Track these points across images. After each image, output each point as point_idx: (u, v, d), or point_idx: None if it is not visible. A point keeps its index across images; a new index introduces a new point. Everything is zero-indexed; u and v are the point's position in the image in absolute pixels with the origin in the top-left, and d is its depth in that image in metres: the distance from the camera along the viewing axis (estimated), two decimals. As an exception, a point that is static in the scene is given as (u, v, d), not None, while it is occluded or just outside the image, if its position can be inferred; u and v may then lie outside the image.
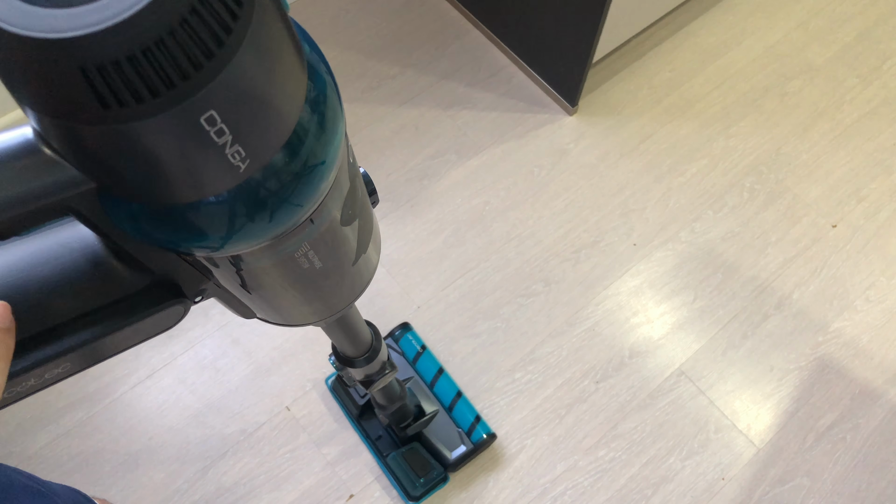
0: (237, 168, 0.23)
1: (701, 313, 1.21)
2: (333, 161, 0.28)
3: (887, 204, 1.32)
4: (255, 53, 0.20)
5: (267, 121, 0.22)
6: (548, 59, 1.35)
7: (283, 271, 0.34)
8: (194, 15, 0.18)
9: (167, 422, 1.11)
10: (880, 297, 1.23)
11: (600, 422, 1.12)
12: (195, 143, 0.20)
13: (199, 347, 1.16)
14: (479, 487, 1.07)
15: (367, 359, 0.69)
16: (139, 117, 0.19)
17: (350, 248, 0.38)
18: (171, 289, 0.33)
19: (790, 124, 1.40)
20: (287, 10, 0.24)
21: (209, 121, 0.20)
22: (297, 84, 0.24)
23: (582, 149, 1.36)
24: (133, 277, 0.32)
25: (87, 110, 0.18)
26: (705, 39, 1.50)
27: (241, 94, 0.20)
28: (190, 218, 0.24)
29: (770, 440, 1.12)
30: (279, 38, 0.22)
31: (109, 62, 0.17)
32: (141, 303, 0.32)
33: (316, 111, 0.25)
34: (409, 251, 1.25)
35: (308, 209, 0.29)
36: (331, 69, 0.28)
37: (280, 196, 0.25)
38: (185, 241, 0.26)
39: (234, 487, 1.07)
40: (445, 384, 1.10)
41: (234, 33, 0.19)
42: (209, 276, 0.34)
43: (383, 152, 1.35)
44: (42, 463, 1.07)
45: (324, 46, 1.46)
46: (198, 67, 0.18)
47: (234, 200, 0.24)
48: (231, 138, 0.21)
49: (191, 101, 0.19)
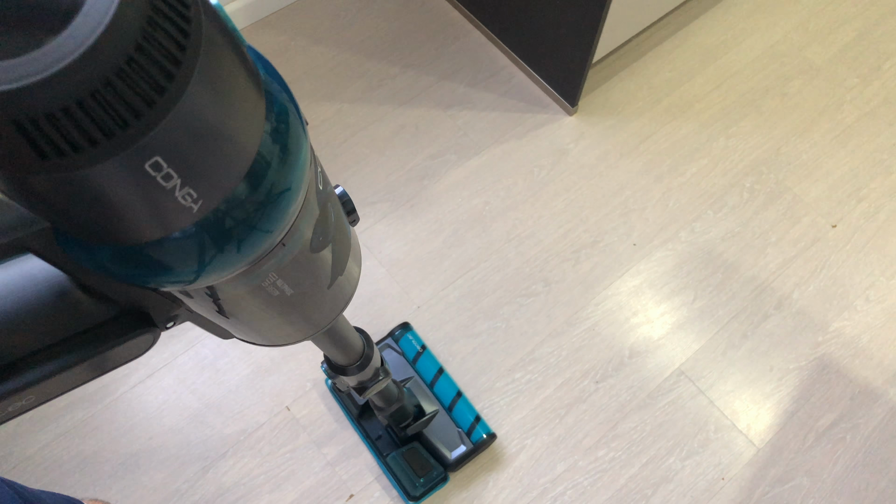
0: (189, 209, 0.22)
1: (701, 313, 1.21)
2: (299, 188, 0.27)
3: (887, 204, 1.32)
4: (203, 96, 0.19)
5: (219, 160, 0.22)
6: (548, 59, 1.35)
7: (252, 300, 0.33)
8: (132, 64, 0.17)
9: (167, 422, 1.11)
10: (880, 297, 1.23)
11: (600, 422, 1.12)
12: (141, 188, 0.20)
13: (199, 347, 1.16)
14: (479, 487, 1.07)
15: (360, 366, 0.68)
16: (79, 166, 0.18)
17: (324, 273, 0.38)
18: (139, 317, 0.33)
19: (790, 124, 1.40)
20: (243, 43, 0.23)
21: (154, 167, 0.19)
22: (252, 119, 0.23)
23: (582, 149, 1.36)
24: (99, 309, 0.32)
25: (25, 161, 0.18)
26: (705, 39, 1.50)
27: (188, 138, 0.20)
28: (148, 256, 0.24)
29: (770, 440, 1.12)
30: (231, 77, 0.21)
31: (43, 115, 0.17)
32: (108, 333, 0.32)
33: (277, 140, 0.25)
34: (409, 251, 1.25)
35: (276, 235, 0.28)
36: (290, 92, 0.27)
37: (245, 226, 0.25)
38: (146, 277, 0.25)
39: (234, 487, 1.07)
40: (445, 384, 1.10)
41: (178, 78, 0.18)
42: (179, 304, 0.33)
43: (383, 152, 1.35)
44: (42, 463, 1.07)
45: (324, 46, 1.46)
46: (139, 115, 0.18)
47: (192, 237, 0.23)
48: (180, 182, 0.20)
49: (134, 149, 0.18)
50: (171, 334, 1.17)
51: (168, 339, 1.17)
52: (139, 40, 0.17)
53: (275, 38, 1.47)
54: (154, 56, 0.18)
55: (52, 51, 0.16)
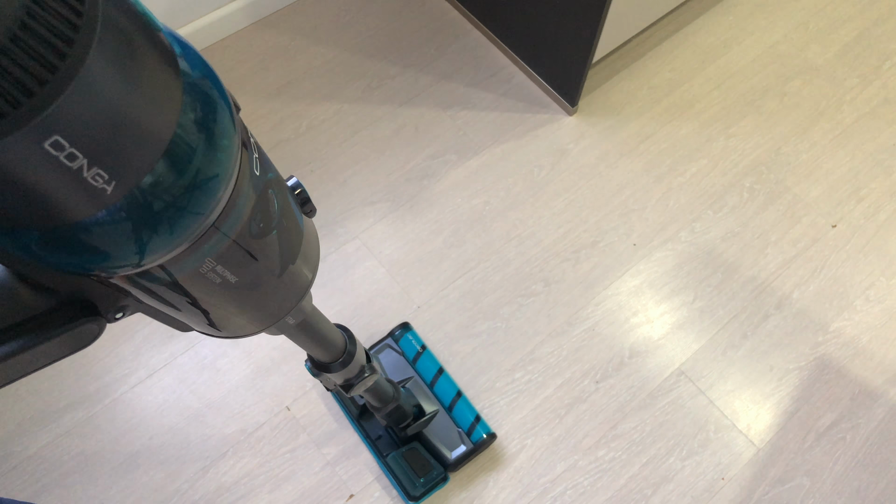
0: (102, 190, 0.21)
1: (701, 313, 1.21)
2: (228, 173, 0.27)
3: (887, 204, 1.32)
4: (102, 73, 0.19)
5: (129, 141, 0.21)
6: (548, 59, 1.35)
7: (194, 288, 0.33)
8: (17, 42, 0.17)
9: (167, 422, 1.11)
10: (880, 297, 1.23)
11: (600, 422, 1.12)
12: (46, 169, 0.19)
13: (199, 347, 1.16)
14: (479, 487, 1.07)
15: (343, 363, 0.67)
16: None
17: (270, 260, 0.37)
18: (83, 307, 0.32)
19: (790, 124, 1.40)
20: (149, 23, 0.22)
21: (55, 146, 0.19)
22: (164, 100, 0.23)
23: (582, 149, 1.36)
24: (38, 298, 0.31)
25: None
26: (705, 39, 1.50)
27: (90, 117, 0.19)
28: (71, 239, 0.23)
29: (770, 440, 1.12)
30: (134, 55, 0.21)
31: None
32: (47, 323, 0.31)
33: (196, 124, 0.24)
34: (409, 251, 1.25)
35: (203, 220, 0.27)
36: (217, 79, 0.26)
37: (169, 210, 0.24)
38: (75, 262, 0.25)
39: (234, 487, 1.07)
40: (445, 384, 1.10)
41: (70, 57, 0.18)
42: (125, 294, 0.33)
43: (383, 152, 1.35)
44: (42, 463, 1.07)
45: (324, 46, 1.46)
46: (30, 94, 0.17)
47: (113, 220, 0.23)
48: (86, 162, 0.20)
49: (29, 127, 0.18)
50: (171, 334, 1.17)
51: (168, 339, 1.17)
52: (23, 18, 0.17)
53: (275, 38, 1.47)
54: (42, 33, 0.17)
55: None
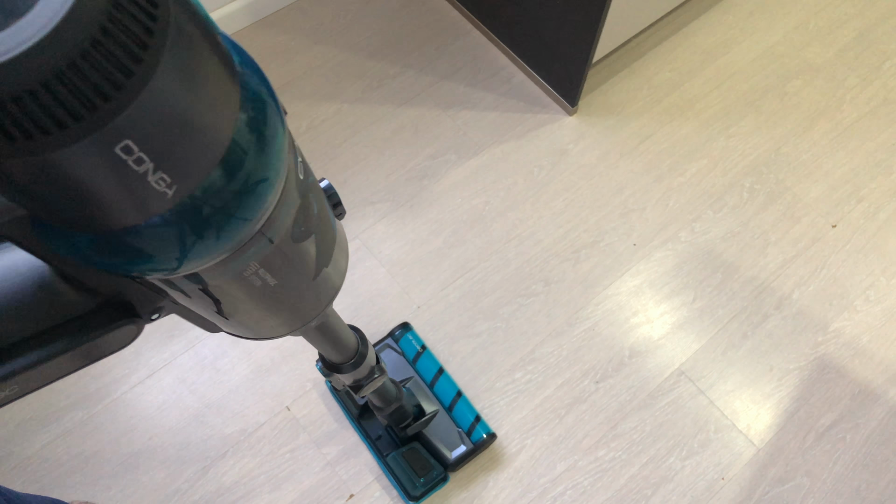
0: (164, 194, 0.22)
1: (701, 313, 1.21)
2: (277, 175, 0.27)
3: (887, 204, 1.32)
4: (172, 79, 0.19)
5: (192, 146, 0.22)
6: (548, 59, 1.35)
7: (236, 290, 0.33)
8: (98, 46, 0.17)
9: (167, 422, 1.11)
10: (880, 297, 1.23)
11: (600, 422, 1.12)
12: (113, 173, 0.20)
13: (199, 347, 1.16)
14: (479, 487, 1.07)
15: (354, 364, 0.68)
16: (48, 149, 0.18)
17: (307, 264, 0.37)
18: (122, 308, 0.33)
19: (790, 124, 1.40)
20: (212, 29, 0.23)
21: (125, 150, 0.19)
22: (225, 104, 0.23)
23: (582, 149, 1.36)
24: (81, 299, 0.31)
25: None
26: (705, 39, 1.50)
27: (160, 122, 0.20)
28: (127, 243, 0.23)
29: (770, 440, 1.12)
30: (201, 63, 0.21)
31: (9, 97, 0.17)
32: (90, 324, 0.31)
33: (252, 128, 0.25)
34: (409, 251, 1.25)
35: (254, 223, 0.28)
36: (268, 83, 0.27)
37: (223, 214, 0.25)
38: (125, 265, 0.25)
39: (234, 487, 1.07)
40: (445, 384, 1.10)
41: (145, 62, 0.18)
42: (164, 295, 0.33)
43: (383, 152, 1.35)
44: (42, 463, 1.07)
45: (324, 46, 1.46)
46: (107, 98, 0.18)
47: (169, 224, 0.23)
48: (153, 166, 0.20)
49: (103, 132, 0.18)
50: (172, 334, 1.17)
51: (168, 339, 1.17)
52: (104, 23, 0.17)
53: (275, 38, 1.47)
54: (120, 39, 0.18)
55: (16, 33, 0.16)
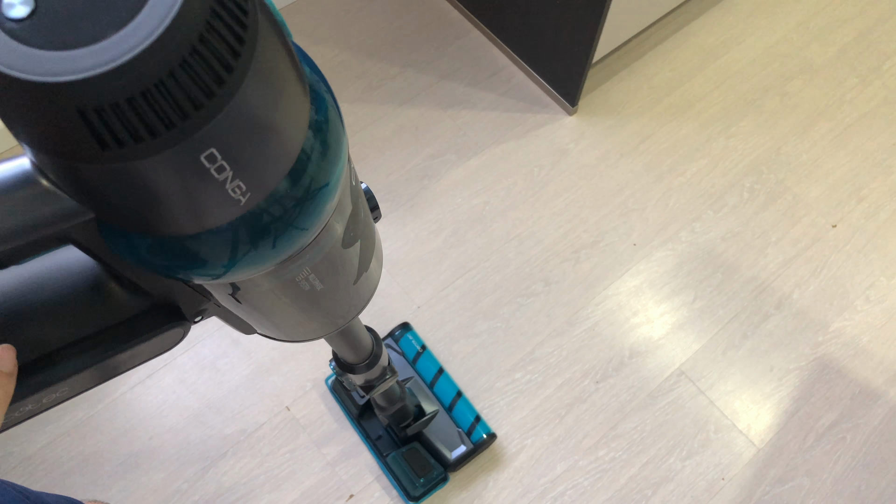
0: (238, 201, 0.22)
1: (701, 313, 1.21)
2: (337, 182, 0.28)
3: (887, 204, 1.32)
4: (257, 88, 0.20)
5: (269, 154, 0.22)
6: (548, 59, 1.35)
7: (283, 294, 0.34)
8: (195, 55, 0.17)
9: (167, 422, 1.11)
10: (880, 297, 1.23)
11: (600, 422, 1.12)
12: (195, 180, 0.20)
13: (199, 347, 1.16)
14: (479, 487, 1.07)
15: (368, 365, 0.69)
16: (138, 157, 0.18)
17: (352, 269, 0.38)
18: (170, 311, 0.33)
19: (790, 124, 1.40)
20: (290, 37, 0.23)
21: (209, 158, 0.20)
22: (299, 112, 0.23)
23: (582, 149, 1.36)
24: (132, 301, 0.32)
25: (84, 150, 0.18)
26: (705, 39, 1.50)
27: (243, 130, 0.20)
28: (190, 248, 0.24)
29: (770, 440, 1.12)
30: (282, 70, 0.21)
31: (108, 105, 0.17)
32: (140, 326, 0.32)
33: (319, 135, 0.25)
34: (409, 251, 1.25)
35: (313, 232, 0.28)
36: (330, 87, 0.27)
37: (283, 221, 0.25)
38: (186, 269, 0.25)
39: (234, 487, 1.07)
40: (445, 384, 1.10)
41: (236, 70, 0.19)
42: (209, 297, 0.34)
43: (383, 152, 1.35)
44: (42, 463, 1.07)
45: (324, 46, 1.46)
46: (198, 107, 0.18)
47: (235, 230, 0.24)
48: (232, 174, 0.21)
49: (191, 140, 0.19)
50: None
51: (168, 339, 1.17)
52: (203, 31, 0.17)
53: (275, 38, 1.47)
54: (216, 47, 0.18)
55: (120, 41, 0.16)
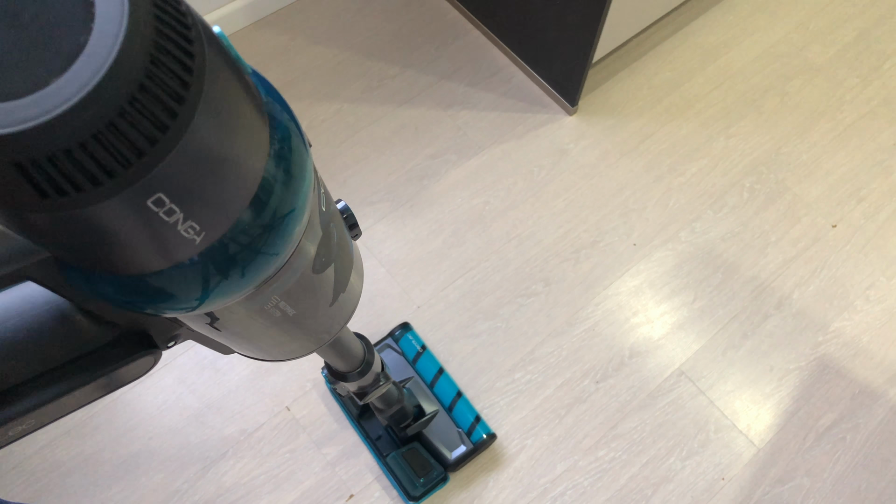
0: (192, 241, 0.22)
1: (701, 313, 1.21)
2: (304, 206, 0.27)
3: (887, 204, 1.32)
4: (206, 128, 0.19)
5: (223, 191, 0.21)
6: (548, 59, 1.35)
7: (254, 321, 0.33)
8: (135, 104, 0.17)
9: (167, 422, 1.11)
10: (880, 297, 1.23)
11: (600, 422, 1.12)
12: (143, 224, 0.20)
13: (198, 347, 1.16)
14: (479, 487, 1.07)
15: (361, 372, 0.68)
16: (80, 205, 0.18)
17: (326, 292, 0.37)
18: (140, 339, 0.33)
19: (790, 124, 1.40)
20: (245, 70, 0.22)
21: (157, 203, 0.19)
22: (256, 144, 0.23)
23: (582, 149, 1.36)
24: (100, 332, 0.31)
25: (25, 199, 0.18)
26: (705, 39, 1.50)
27: (191, 172, 0.19)
28: (154, 284, 0.23)
29: (770, 440, 1.12)
30: (234, 106, 0.21)
31: (45, 157, 0.16)
32: (109, 356, 0.31)
33: (280, 163, 0.24)
34: (409, 251, 1.25)
35: (284, 257, 0.27)
36: (292, 113, 0.26)
37: (251, 250, 0.24)
38: (154, 304, 0.25)
39: (233, 487, 1.07)
40: (445, 384, 1.10)
41: (181, 115, 0.18)
42: (180, 324, 0.33)
43: (383, 152, 1.35)
44: (42, 463, 1.07)
45: (324, 46, 1.46)
46: (141, 154, 0.18)
47: (194, 267, 0.23)
48: (182, 216, 0.20)
49: (136, 187, 0.18)
50: (171, 334, 1.17)
51: (168, 339, 1.17)
52: (142, 79, 0.17)
53: (275, 38, 1.47)
54: (157, 94, 0.17)
55: (55, 92, 0.16)
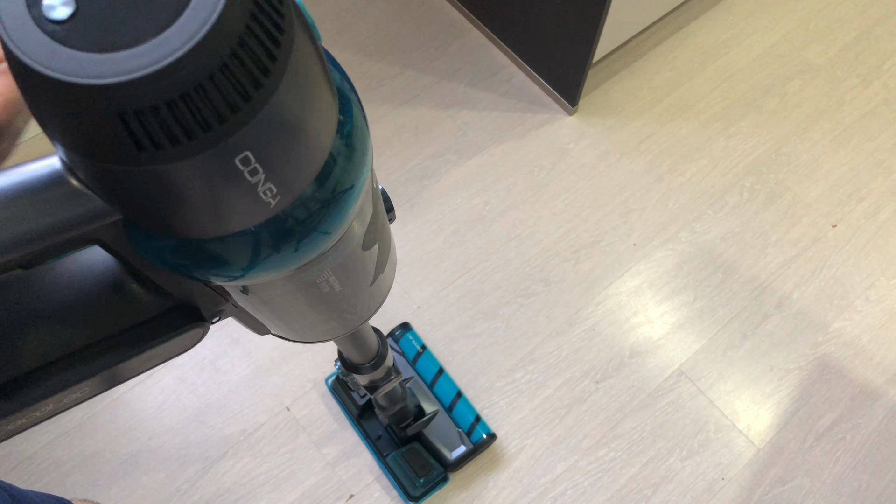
0: (268, 204, 0.22)
1: (701, 313, 1.21)
2: (362, 185, 0.28)
3: (887, 204, 1.32)
4: (292, 92, 0.20)
5: (300, 157, 0.22)
6: (548, 59, 1.35)
7: (303, 295, 0.34)
8: (234, 59, 0.18)
9: (167, 422, 1.11)
10: (880, 297, 1.23)
11: (600, 422, 1.12)
12: (228, 183, 0.20)
13: (199, 347, 1.16)
14: (479, 487, 1.07)
15: (374, 365, 0.69)
16: (174, 159, 0.18)
17: (370, 270, 0.38)
18: (190, 312, 0.33)
19: (790, 124, 1.40)
20: (320, 41, 0.23)
21: (244, 161, 0.20)
22: (329, 115, 0.24)
23: (582, 149, 1.36)
24: (154, 301, 0.32)
25: (121, 153, 0.18)
26: (705, 39, 1.50)
27: (276, 133, 0.20)
28: (216, 250, 0.24)
29: (770, 440, 1.12)
30: (314, 73, 0.22)
31: (148, 107, 0.17)
32: (161, 326, 0.32)
33: (346, 138, 0.25)
34: (409, 251, 1.25)
35: (336, 236, 0.28)
36: (356, 91, 0.27)
37: (308, 225, 0.25)
38: (211, 271, 0.26)
39: (234, 487, 1.07)
40: (445, 384, 1.10)
41: (273, 74, 0.19)
42: (227, 298, 0.34)
43: (383, 152, 1.35)
44: (42, 463, 1.07)
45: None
46: (235, 110, 0.18)
47: (260, 233, 0.24)
48: (264, 177, 0.21)
49: (227, 143, 0.19)
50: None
51: (168, 339, 1.17)
52: (242, 35, 0.18)
53: (275, 38, 1.47)
54: (254, 52, 0.18)
55: (161, 45, 0.17)
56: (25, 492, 0.65)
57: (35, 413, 0.30)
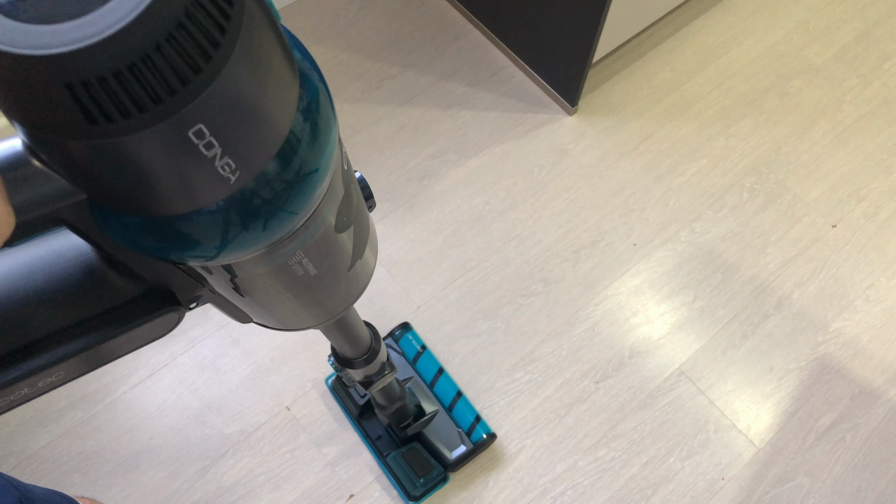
0: (227, 180, 0.22)
1: (701, 313, 1.21)
2: (327, 168, 0.28)
3: (887, 204, 1.32)
4: (244, 65, 0.20)
5: (258, 132, 0.22)
6: (548, 59, 1.35)
7: (277, 278, 0.34)
8: (181, 29, 0.18)
9: (167, 422, 1.11)
10: (880, 297, 1.23)
11: (600, 422, 1.12)
12: (183, 156, 0.20)
13: (199, 347, 1.16)
14: (479, 487, 1.07)
15: (367, 360, 0.69)
16: (126, 132, 0.19)
17: (346, 254, 0.38)
18: (165, 296, 0.33)
19: (790, 124, 1.40)
20: (278, 19, 0.23)
21: (197, 134, 0.20)
22: (288, 93, 0.24)
23: (582, 149, 1.36)
24: (127, 286, 0.32)
25: (73, 125, 0.18)
26: (705, 39, 1.50)
27: (230, 107, 0.20)
28: (181, 228, 0.24)
29: (770, 440, 1.12)
30: (269, 49, 0.22)
31: (96, 78, 0.17)
32: (135, 311, 0.32)
33: (308, 119, 0.25)
34: (409, 251, 1.25)
35: (302, 217, 0.28)
36: (323, 76, 0.27)
37: (273, 204, 0.25)
38: (177, 251, 0.26)
39: (234, 487, 1.07)
40: (445, 384, 1.10)
41: (223, 46, 0.19)
42: (204, 283, 0.34)
43: (383, 152, 1.35)
44: (42, 463, 1.07)
45: (324, 46, 1.46)
46: (185, 82, 0.18)
47: (225, 211, 0.24)
48: (220, 151, 0.21)
49: (179, 116, 0.19)
50: (172, 334, 1.17)
51: (168, 339, 1.17)
52: (188, 6, 0.18)
53: (275, 38, 1.47)
54: (202, 23, 0.18)
55: (106, 15, 0.17)
56: (31, 487, 0.65)
57: (9, 397, 0.30)
